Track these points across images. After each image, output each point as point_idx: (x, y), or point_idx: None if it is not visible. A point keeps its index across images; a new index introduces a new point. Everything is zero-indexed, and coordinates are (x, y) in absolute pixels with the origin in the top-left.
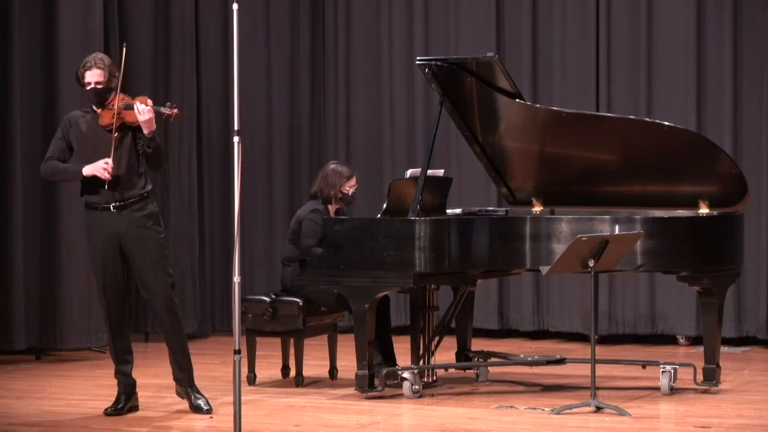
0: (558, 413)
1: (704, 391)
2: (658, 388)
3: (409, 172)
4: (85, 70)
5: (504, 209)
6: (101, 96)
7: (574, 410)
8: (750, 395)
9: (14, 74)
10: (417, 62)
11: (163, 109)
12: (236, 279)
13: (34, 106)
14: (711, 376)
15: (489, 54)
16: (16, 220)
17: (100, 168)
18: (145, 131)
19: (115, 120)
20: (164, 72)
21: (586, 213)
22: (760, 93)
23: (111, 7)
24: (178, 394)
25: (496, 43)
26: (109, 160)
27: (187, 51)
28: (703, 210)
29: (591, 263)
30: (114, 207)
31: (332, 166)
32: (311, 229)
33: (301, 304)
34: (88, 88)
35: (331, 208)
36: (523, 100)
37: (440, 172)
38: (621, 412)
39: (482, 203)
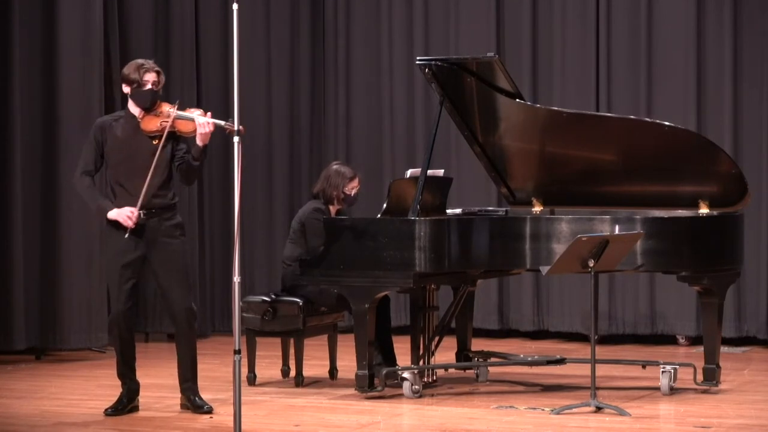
0: (558, 413)
1: (704, 391)
2: (658, 388)
3: (409, 172)
4: (146, 71)
5: (504, 209)
6: (154, 99)
7: (574, 410)
8: (750, 395)
9: (14, 74)
10: (417, 62)
11: (225, 124)
12: (236, 279)
13: (34, 106)
14: (711, 376)
15: (489, 54)
16: (16, 221)
17: (125, 216)
18: (200, 143)
19: (166, 127)
20: (164, 72)
21: (586, 213)
22: (760, 93)
23: (111, 7)
24: (183, 406)
25: (496, 43)
26: (135, 210)
27: (187, 51)
28: (703, 210)
29: (591, 263)
30: (144, 215)
31: (335, 166)
32: (318, 228)
33: (301, 304)
34: (146, 88)
35: (332, 209)
36: (523, 100)
37: (440, 172)
38: (621, 412)
39: (482, 203)
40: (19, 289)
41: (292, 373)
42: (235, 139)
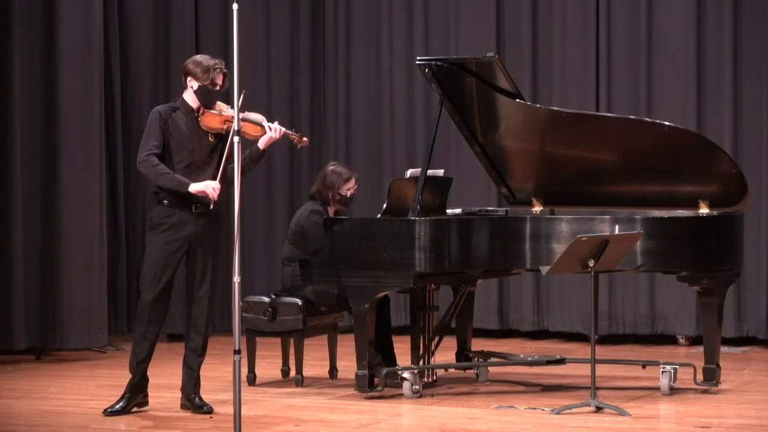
0: (558, 413)
1: (704, 391)
2: (658, 388)
3: (409, 172)
4: (218, 73)
5: (504, 209)
6: (217, 99)
7: (574, 410)
8: (750, 395)
9: (14, 74)
10: (417, 62)
11: (291, 133)
12: (236, 279)
13: (34, 106)
14: (711, 376)
15: (489, 54)
16: (16, 220)
17: (210, 189)
18: (261, 147)
19: (231, 127)
20: (164, 72)
21: (586, 213)
22: (760, 93)
23: (111, 7)
24: (183, 406)
25: (496, 43)
26: (218, 186)
27: (187, 51)
28: (703, 210)
29: (591, 263)
30: (195, 209)
31: (331, 167)
32: (317, 231)
33: (301, 304)
34: (216, 88)
35: (330, 209)
36: (523, 100)
37: (440, 172)
38: (621, 412)
39: (482, 203)
40: (19, 289)
41: (292, 373)
42: (236, 139)
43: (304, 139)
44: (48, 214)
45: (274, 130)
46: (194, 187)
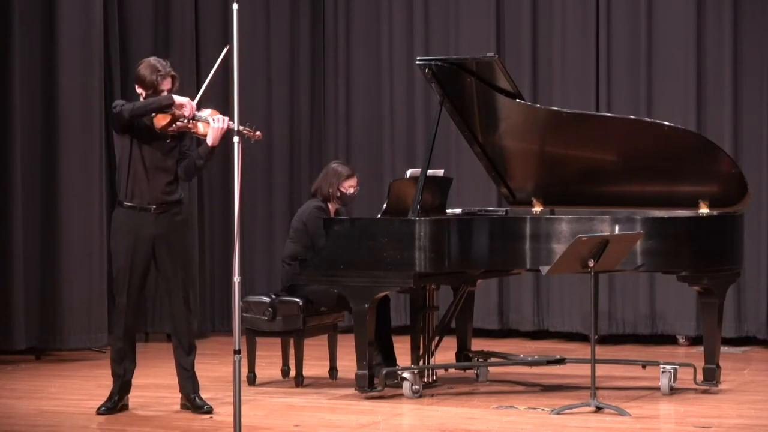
0: (558, 413)
1: (704, 391)
2: (658, 388)
3: (409, 172)
4: (164, 78)
5: (504, 209)
6: None
7: (574, 410)
8: (750, 395)
9: (14, 74)
10: (417, 62)
11: (244, 130)
12: (236, 279)
13: (34, 106)
14: (711, 376)
15: (489, 54)
16: (16, 220)
17: (189, 103)
18: (210, 143)
19: (182, 127)
20: None
21: (586, 213)
22: (760, 93)
23: (111, 7)
24: (183, 406)
25: (496, 43)
26: (194, 105)
27: (187, 51)
28: (703, 210)
29: (591, 263)
30: (153, 209)
31: (333, 165)
32: (320, 226)
33: (301, 304)
34: (163, 95)
35: (331, 207)
36: (523, 100)
37: (440, 172)
38: (621, 412)
39: (482, 203)
40: (19, 289)
41: (292, 373)
42: (235, 139)
43: (257, 133)
44: (48, 214)
45: (217, 121)
46: (178, 98)
